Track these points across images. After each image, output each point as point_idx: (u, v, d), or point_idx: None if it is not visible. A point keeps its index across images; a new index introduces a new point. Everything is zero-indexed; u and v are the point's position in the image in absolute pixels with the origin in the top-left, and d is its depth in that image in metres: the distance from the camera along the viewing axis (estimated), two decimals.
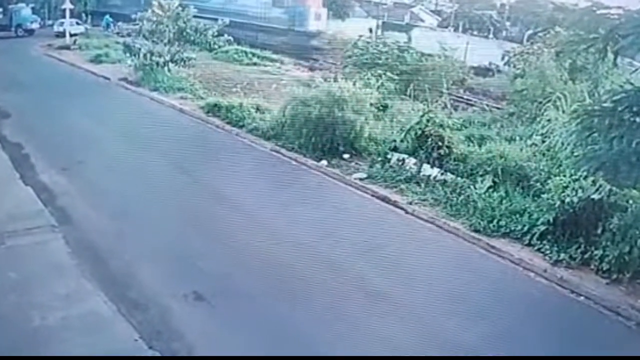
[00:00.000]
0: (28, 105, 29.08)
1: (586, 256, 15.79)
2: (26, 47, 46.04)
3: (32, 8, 54.96)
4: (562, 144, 18.73)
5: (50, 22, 54.85)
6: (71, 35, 48.08)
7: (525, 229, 17.04)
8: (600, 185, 15.75)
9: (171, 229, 16.88)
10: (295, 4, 50.56)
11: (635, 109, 13.33)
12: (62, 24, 50.37)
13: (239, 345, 12.27)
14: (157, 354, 11.92)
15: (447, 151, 20.80)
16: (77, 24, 52.01)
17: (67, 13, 49.56)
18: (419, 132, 21.35)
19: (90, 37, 49.01)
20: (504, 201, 18.19)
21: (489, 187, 18.93)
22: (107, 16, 55.38)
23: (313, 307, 13.64)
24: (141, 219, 17.53)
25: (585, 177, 16.01)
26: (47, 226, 16.69)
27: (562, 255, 16.00)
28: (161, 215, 17.73)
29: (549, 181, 17.54)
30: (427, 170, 20.79)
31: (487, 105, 29.32)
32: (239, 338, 12.56)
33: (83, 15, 56.13)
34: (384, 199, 19.92)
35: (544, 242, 16.53)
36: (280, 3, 51.47)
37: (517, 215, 17.52)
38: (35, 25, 53.23)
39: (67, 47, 45.94)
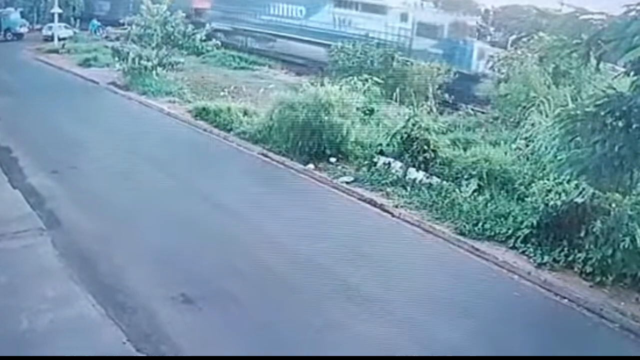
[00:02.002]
0: (16, 109, 29.09)
1: (570, 259, 15.92)
2: (15, 51, 46.03)
3: (21, 12, 54.94)
4: (546, 148, 18.92)
5: (38, 26, 54.83)
6: (60, 40, 48.12)
7: (510, 232, 17.18)
8: (584, 189, 15.91)
9: (159, 232, 16.91)
10: (455, 36, 38.51)
11: (617, 113, 13.43)
12: (50, 28, 50.38)
13: (226, 347, 12.32)
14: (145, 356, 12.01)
15: (432, 155, 20.93)
16: (66, 28, 52.00)
17: (56, 17, 49.59)
18: (405, 136, 21.46)
19: (79, 41, 49.07)
20: (488, 204, 18.34)
21: (474, 191, 19.10)
22: (94, 20, 55.37)
23: (299, 310, 13.73)
24: (129, 223, 17.56)
25: (569, 181, 16.16)
26: (35, 229, 16.70)
27: (546, 258, 16.14)
28: (149, 218, 17.79)
29: (533, 185, 17.66)
30: (413, 173, 20.92)
31: (472, 109, 29.45)
32: (226, 340, 12.63)
33: (72, 19, 56.10)
34: (370, 202, 20.04)
35: (528, 245, 16.67)
36: (429, 32, 38.95)
37: (502, 219, 17.66)
38: (24, 30, 53.22)
39: (56, 51, 45.97)
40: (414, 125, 21.58)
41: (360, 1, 42.89)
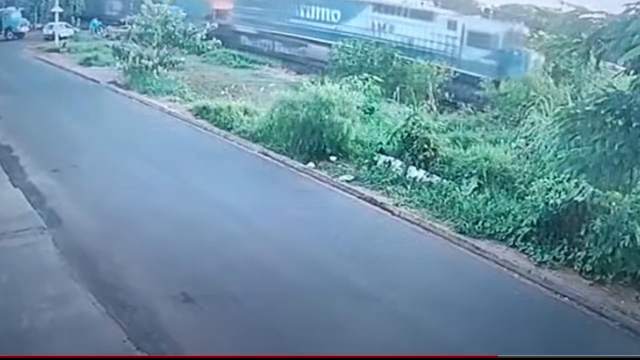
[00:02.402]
0: (17, 108, 29.14)
1: (570, 257, 15.94)
2: (16, 50, 46.09)
3: (22, 11, 54.99)
4: (546, 146, 18.90)
5: (39, 25, 54.88)
6: (60, 39, 48.16)
7: (510, 230, 17.20)
8: (583, 188, 15.91)
9: (160, 231, 16.93)
10: (509, 46, 34.79)
11: (617, 112, 13.44)
12: (51, 27, 50.43)
13: (227, 346, 12.35)
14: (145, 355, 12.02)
15: (432, 153, 20.96)
16: (67, 27, 52.04)
17: (57, 16, 49.60)
18: (405, 134, 21.50)
19: (80, 40, 49.14)
20: (488, 203, 18.36)
21: (474, 189, 19.13)
22: (95, 20, 55.36)
23: (299, 308, 13.73)
24: (130, 221, 17.58)
25: (569, 180, 16.16)
26: (36, 228, 16.72)
27: (546, 256, 16.16)
28: (150, 217, 17.78)
29: (533, 183, 17.67)
30: (413, 172, 20.95)
31: (472, 108, 29.44)
32: (226, 339, 12.63)
33: (72, 18, 56.14)
34: (371, 201, 20.06)
35: (528, 243, 16.69)
36: (481, 42, 35.70)
37: (502, 217, 17.67)
38: (24, 29, 53.29)
39: (57, 50, 46.03)
40: (414, 124, 21.60)
41: (403, 6, 40.64)
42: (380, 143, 22.73)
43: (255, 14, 48.70)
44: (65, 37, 49.13)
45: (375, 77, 28.37)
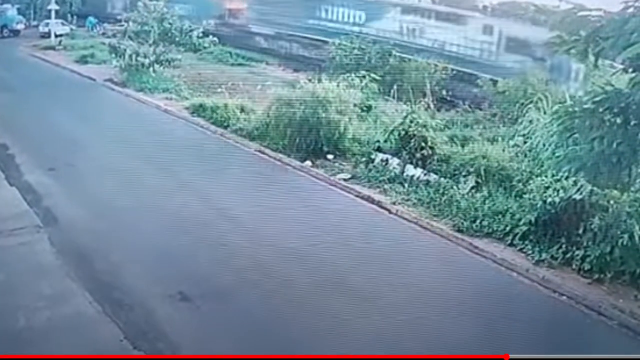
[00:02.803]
0: (13, 106, 28.95)
1: (568, 256, 15.97)
2: (11, 47, 45.81)
3: (18, 9, 54.72)
4: (544, 144, 18.95)
5: (35, 22, 54.59)
6: (56, 36, 47.85)
7: (508, 229, 17.21)
8: (582, 186, 15.93)
9: (156, 230, 16.91)
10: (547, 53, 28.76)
11: (615, 110, 13.47)
12: (47, 24, 50.10)
13: (224, 345, 12.34)
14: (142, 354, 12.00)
15: (430, 152, 20.95)
16: (63, 24, 51.79)
17: (53, 14, 49.37)
18: (403, 132, 21.48)
19: (76, 37, 48.79)
20: (486, 201, 18.36)
21: (472, 188, 19.13)
22: (91, 17, 55.17)
23: (297, 307, 13.73)
24: (126, 220, 17.53)
25: (567, 178, 16.17)
26: (32, 227, 16.70)
27: (544, 255, 16.18)
28: (146, 216, 17.76)
29: (531, 181, 17.69)
30: (411, 170, 20.93)
31: (470, 106, 29.34)
32: (223, 338, 12.64)
33: (68, 16, 55.94)
34: (368, 199, 20.04)
35: (526, 242, 16.72)
36: (522, 49, 30.86)
37: (500, 216, 17.68)
38: (20, 26, 52.94)
39: (53, 48, 45.74)
40: (411, 122, 21.58)
41: (435, 9, 38.26)
42: (378, 141, 22.69)
43: (272, 14, 45.69)
44: (61, 35, 48.81)
45: (373, 75, 28.30)
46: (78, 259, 15.16)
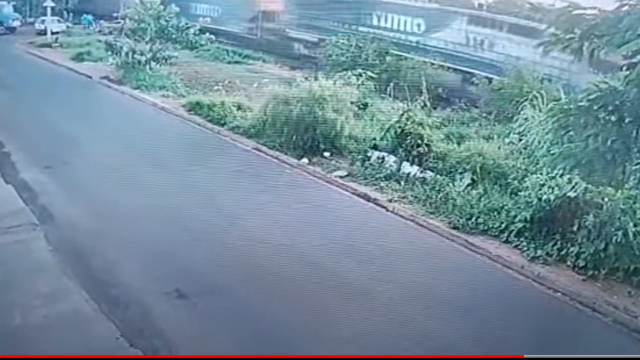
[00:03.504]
0: (9, 103, 28.94)
1: (563, 253, 16.04)
2: (7, 45, 45.74)
3: (14, 6, 54.63)
4: (539, 142, 18.97)
5: (31, 20, 54.53)
6: (53, 33, 47.83)
7: (503, 226, 17.27)
8: (576, 183, 15.99)
9: (152, 227, 16.93)
10: None
11: (610, 107, 13.51)
12: (43, 21, 50.07)
13: (221, 343, 12.39)
14: (139, 352, 12.01)
15: (426, 149, 20.98)
16: (59, 22, 51.76)
17: (49, 11, 49.32)
18: (399, 130, 21.51)
19: (72, 35, 48.76)
20: (482, 199, 18.40)
21: (468, 185, 19.17)
22: (87, 15, 55.08)
23: (293, 305, 13.74)
24: (123, 218, 17.52)
25: (562, 175, 16.23)
26: (28, 224, 16.69)
27: (539, 252, 16.25)
28: (143, 213, 17.77)
29: (526, 179, 17.75)
30: (407, 168, 20.97)
31: (466, 104, 29.34)
32: (220, 336, 12.67)
33: (64, 13, 55.86)
34: (364, 197, 20.07)
35: (522, 239, 16.78)
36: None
37: (495, 213, 17.74)
38: (16, 23, 52.89)
39: (49, 45, 45.70)
40: (407, 119, 21.61)
41: (506, 20, 33.67)
42: (374, 139, 22.74)
43: (314, 19, 41.89)
44: (57, 32, 48.80)
45: (369, 73, 28.31)
46: (74, 256, 15.15)
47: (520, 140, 21.11)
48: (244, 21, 41.02)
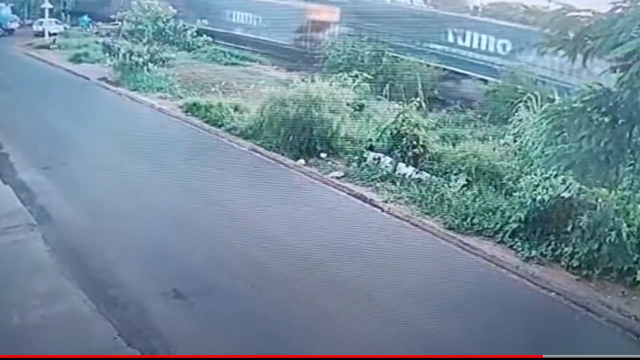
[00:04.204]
0: (7, 105, 28.93)
1: (557, 253, 16.12)
2: (5, 46, 45.72)
3: (12, 7, 54.60)
4: (533, 143, 19.01)
5: (29, 21, 54.48)
6: (50, 35, 47.77)
7: (498, 226, 17.35)
8: (570, 184, 16.07)
9: (150, 227, 16.98)
10: None
11: (603, 109, 13.61)
12: (41, 23, 50.01)
13: (218, 343, 12.45)
14: (137, 352, 12.08)
15: (422, 150, 21.06)
16: (57, 23, 51.71)
17: (47, 13, 49.31)
18: (395, 131, 21.57)
19: (70, 36, 48.70)
20: (477, 199, 18.48)
21: (463, 186, 19.22)
22: (85, 16, 55.06)
23: (290, 304, 13.82)
24: (120, 218, 17.58)
25: (556, 176, 16.31)
26: (26, 225, 16.74)
27: (534, 252, 16.32)
28: (141, 214, 17.84)
29: (521, 180, 17.80)
30: (403, 169, 21.05)
31: (461, 105, 29.37)
32: (217, 336, 12.74)
33: (62, 14, 55.84)
34: (360, 197, 20.14)
35: (516, 239, 16.86)
36: None
37: (490, 213, 17.82)
38: (14, 25, 52.83)
39: (47, 47, 45.65)
40: (403, 121, 21.66)
41: None
42: (370, 140, 22.77)
43: (377, 33, 36.18)
44: (55, 34, 48.74)
45: (365, 75, 28.36)
46: (72, 257, 15.22)
47: (515, 141, 21.17)
48: (290, 31, 37.50)
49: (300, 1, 40.26)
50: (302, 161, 22.92)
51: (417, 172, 20.74)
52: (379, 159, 21.85)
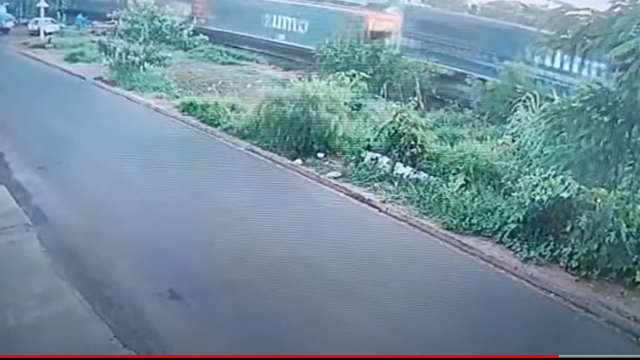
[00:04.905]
0: (2, 105, 28.86)
1: (556, 254, 16.05)
2: (1, 45, 45.66)
3: (7, 7, 54.52)
4: (532, 143, 19.02)
5: (24, 20, 54.41)
6: (46, 34, 47.74)
7: (497, 227, 17.28)
8: (569, 184, 16.01)
9: (146, 227, 16.90)
10: None
11: (603, 108, 13.59)
12: (36, 22, 49.97)
13: (214, 343, 12.37)
14: (133, 353, 11.99)
15: (419, 150, 20.99)
16: (52, 22, 51.66)
17: (42, 12, 49.24)
18: (392, 131, 21.51)
19: (65, 35, 48.66)
20: (475, 199, 18.41)
21: (461, 186, 19.16)
22: (80, 15, 54.98)
23: (286, 305, 13.73)
24: (116, 218, 17.49)
25: (555, 176, 16.23)
26: (22, 225, 16.64)
27: (532, 252, 16.26)
28: (136, 214, 17.75)
29: (519, 180, 17.68)
30: (400, 168, 21.00)
31: (459, 104, 29.33)
32: (213, 336, 12.65)
33: (58, 14, 55.76)
34: (358, 198, 20.09)
35: (515, 239, 16.78)
36: None
37: (489, 214, 17.76)
38: (10, 24, 52.77)
39: (42, 46, 45.60)
40: (401, 120, 21.60)
41: None
42: (368, 140, 22.73)
43: (448, 47, 32.58)
44: (50, 33, 48.71)
45: (363, 74, 28.32)
46: (68, 257, 15.12)
47: (514, 141, 21.14)
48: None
49: (356, 7, 37.38)
50: (299, 161, 22.86)
51: (415, 172, 20.68)
52: (377, 158, 21.80)
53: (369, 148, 22.36)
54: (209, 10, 44.24)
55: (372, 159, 21.92)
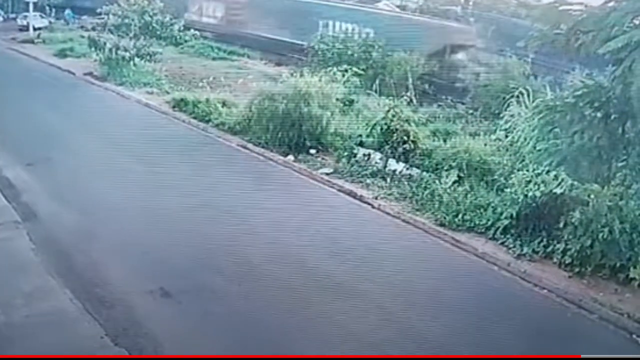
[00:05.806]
0: None
1: (549, 250, 16.07)
2: None
3: None
4: (525, 138, 18.98)
5: (13, 15, 54.12)
6: (35, 29, 47.46)
7: (490, 223, 17.27)
8: (562, 180, 15.98)
9: (137, 225, 16.81)
10: None
11: (596, 104, 13.58)
12: (25, 17, 49.72)
13: (205, 341, 12.34)
14: (123, 351, 11.91)
15: (412, 146, 20.96)
16: (41, 17, 51.40)
17: (31, 6, 48.97)
18: (385, 127, 21.47)
19: (55, 30, 48.42)
20: (468, 195, 18.39)
21: (454, 182, 19.14)
22: (69, 10, 54.72)
23: (278, 302, 13.69)
24: (107, 215, 17.40)
25: (548, 172, 16.22)
26: (11, 222, 16.59)
27: (525, 249, 16.27)
28: (127, 211, 17.62)
29: (512, 176, 17.69)
30: (393, 165, 20.96)
31: (452, 100, 29.32)
32: (205, 334, 12.63)
33: (47, 8, 55.49)
34: (350, 194, 20.04)
35: (508, 236, 16.80)
36: None
37: (482, 210, 17.74)
38: None
39: (31, 41, 45.35)
40: (393, 116, 21.55)
41: None
42: (360, 136, 22.66)
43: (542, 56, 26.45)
44: (40, 28, 48.45)
45: (355, 69, 28.26)
46: (58, 255, 15.06)
47: (507, 136, 21.12)
48: (422, 56, 31.00)
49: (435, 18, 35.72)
50: (291, 157, 22.78)
51: (407, 168, 20.66)
52: (369, 155, 21.75)
53: (361, 144, 22.30)
54: (249, 11, 41.88)
55: (364, 155, 21.87)
